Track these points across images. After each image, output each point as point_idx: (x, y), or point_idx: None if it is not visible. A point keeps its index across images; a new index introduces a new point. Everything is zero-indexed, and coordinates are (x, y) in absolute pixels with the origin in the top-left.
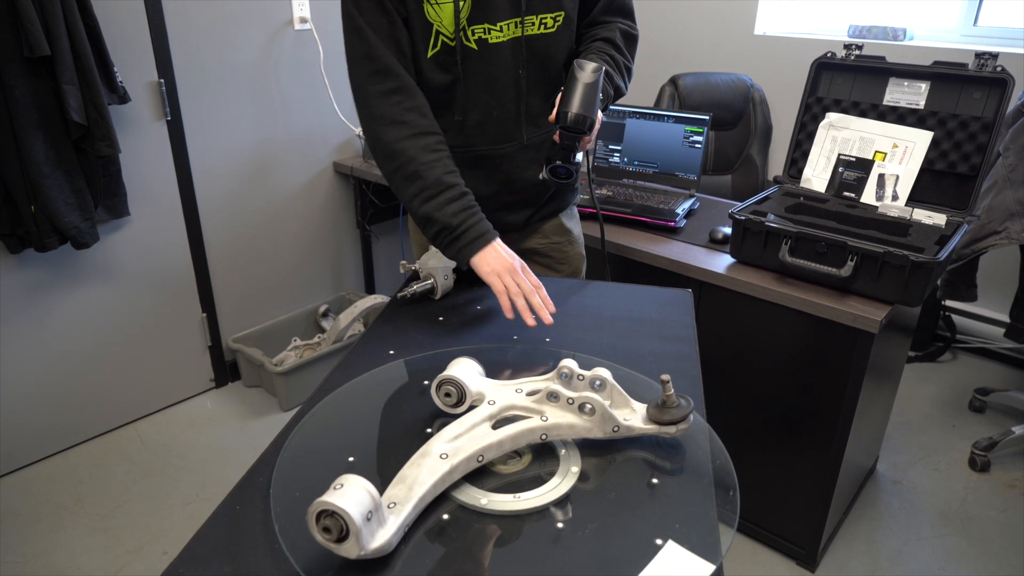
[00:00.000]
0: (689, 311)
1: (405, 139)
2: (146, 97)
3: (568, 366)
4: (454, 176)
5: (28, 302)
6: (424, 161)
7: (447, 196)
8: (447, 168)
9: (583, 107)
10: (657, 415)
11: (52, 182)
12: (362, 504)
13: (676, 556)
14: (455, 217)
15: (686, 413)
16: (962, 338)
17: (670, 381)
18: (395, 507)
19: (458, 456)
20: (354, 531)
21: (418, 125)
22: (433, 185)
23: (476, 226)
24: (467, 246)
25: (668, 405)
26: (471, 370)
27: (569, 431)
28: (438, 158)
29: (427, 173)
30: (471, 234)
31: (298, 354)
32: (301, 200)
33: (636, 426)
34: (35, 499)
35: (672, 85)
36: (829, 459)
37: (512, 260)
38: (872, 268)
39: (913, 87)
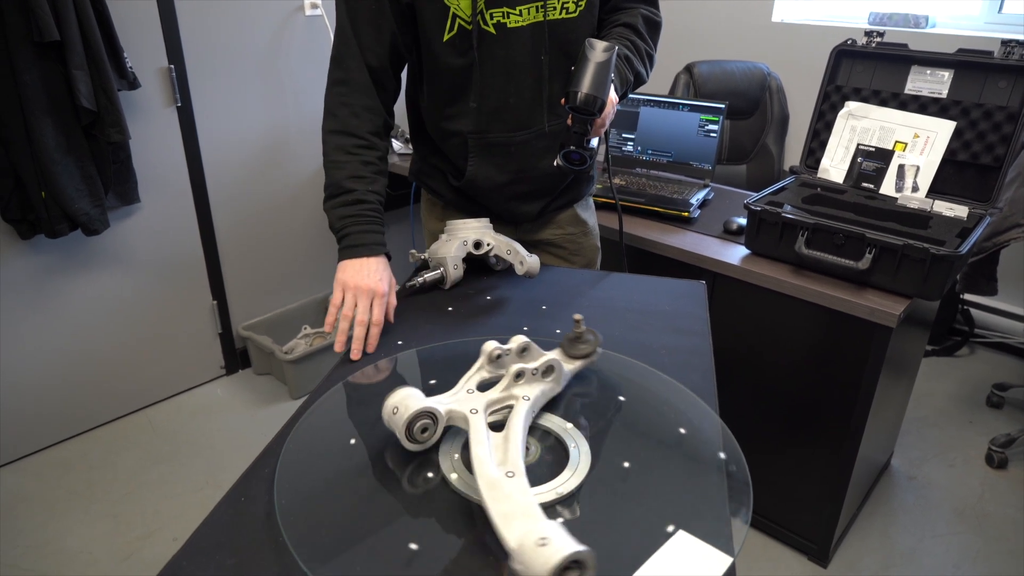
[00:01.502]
0: (703, 303)
1: (329, 132)
2: (156, 83)
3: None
4: (357, 182)
5: (39, 288)
6: (333, 160)
7: (341, 200)
8: (353, 172)
9: (593, 87)
10: (568, 348)
11: (62, 168)
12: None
13: (689, 546)
14: (339, 221)
15: (593, 347)
16: (980, 332)
17: (582, 320)
18: None
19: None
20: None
21: (344, 122)
22: (332, 186)
23: (356, 235)
24: (342, 250)
25: (579, 340)
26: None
27: (542, 398)
28: (348, 160)
29: (332, 172)
30: (348, 241)
31: (308, 342)
32: (311, 187)
33: (567, 368)
34: (46, 485)
35: (687, 73)
36: (843, 454)
37: (370, 282)
38: (891, 261)
39: (935, 76)
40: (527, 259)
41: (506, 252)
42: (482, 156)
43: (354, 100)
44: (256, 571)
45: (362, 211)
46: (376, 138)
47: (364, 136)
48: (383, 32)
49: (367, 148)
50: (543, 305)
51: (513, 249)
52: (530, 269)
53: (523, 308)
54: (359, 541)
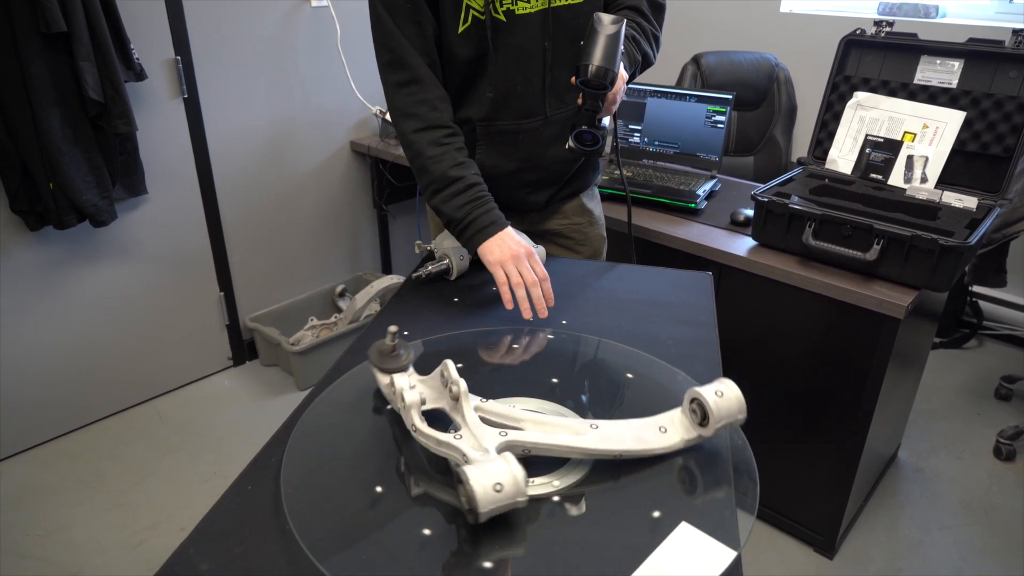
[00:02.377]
0: (709, 294)
1: (414, 132)
2: (163, 75)
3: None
4: (460, 168)
5: (47, 279)
6: (430, 155)
7: (452, 190)
8: (453, 161)
9: (604, 60)
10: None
11: (70, 159)
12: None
13: (693, 539)
14: (460, 210)
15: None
16: (989, 324)
17: (396, 331)
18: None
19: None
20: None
21: (427, 118)
22: (439, 180)
23: (481, 218)
24: (473, 237)
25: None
26: None
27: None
28: (444, 151)
29: (433, 167)
30: (476, 225)
31: (315, 334)
32: (318, 179)
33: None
34: (55, 475)
35: (695, 64)
36: (850, 446)
37: (519, 248)
38: (899, 252)
39: (946, 65)
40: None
41: None
42: (490, 144)
43: (428, 95)
44: (263, 560)
45: (477, 195)
46: (456, 125)
47: (449, 125)
48: (425, 27)
49: (454, 135)
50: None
51: None
52: None
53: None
54: (365, 530)
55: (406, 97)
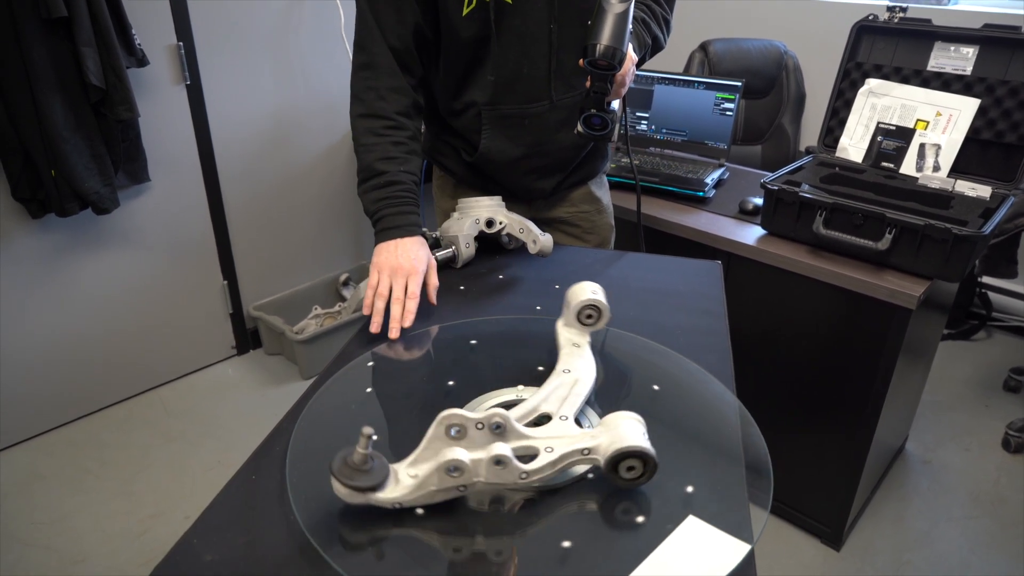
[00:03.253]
0: (719, 284)
1: (356, 117)
2: (165, 61)
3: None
4: (387, 163)
5: (50, 267)
6: (363, 143)
7: (373, 183)
8: (384, 154)
9: (612, 39)
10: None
11: (71, 146)
12: None
13: (702, 533)
14: (373, 204)
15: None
16: (998, 316)
17: (371, 436)
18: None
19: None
20: None
21: (371, 106)
22: (364, 169)
23: (389, 217)
24: (378, 233)
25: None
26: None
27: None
28: (377, 143)
29: (363, 156)
30: (382, 224)
31: (318, 322)
32: (321, 167)
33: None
34: (59, 462)
35: (702, 51)
36: (858, 438)
37: (404, 263)
38: (911, 241)
39: (959, 52)
40: (540, 238)
41: (519, 231)
42: (496, 129)
43: (379, 83)
44: (267, 550)
45: (395, 192)
46: (405, 118)
47: (392, 116)
48: (405, 13)
49: (396, 128)
50: (556, 284)
51: (526, 227)
52: (543, 248)
53: (536, 287)
54: (370, 520)
55: (360, 81)
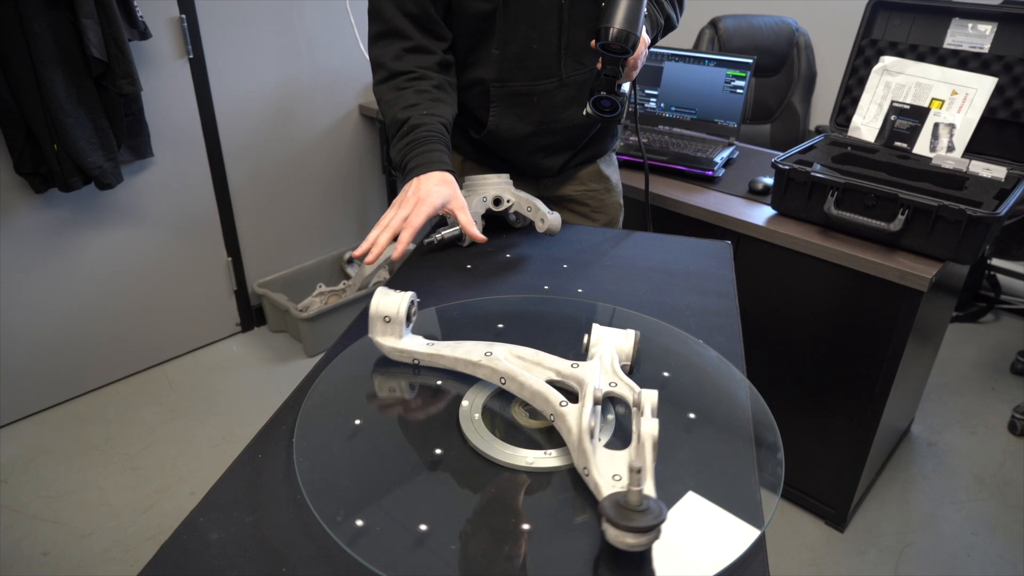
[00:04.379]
0: (728, 264)
1: (379, 84)
2: (167, 34)
3: (642, 397)
4: (408, 110)
5: (53, 242)
6: (387, 101)
7: (399, 135)
8: (405, 103)
9: (626, 23)
10: (611, 512)
11: (74, 120)
12: (387, 307)
13: (713, 516)
14: (399, 154)
15: (637, 527)
16: (1006, 299)
17: (640, 471)
18: (428, 346)
19: (492, 363)
20: (370, 316)
21: (391, 68)
22: (391, 126)
23: (414, 158)
24: (406, 177)
25: (626, 504)
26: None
27: (567, 434)
28: (399, 95)
29: (388, 114)
30: (407, 167)
31: (323, 300)
32: (326, 143)
33: (602, 491)
34: (66, 437)
35: (712, 28)
36: (865, 419)
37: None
38: (924, 223)
39: (977, 29)
40: (548, 216)
41: (526, 209)
42: (504, 106)
43: (397, 45)
44: (274, 529)
45: (418, 136)
46: (427, 71)
47: (411, 70)
48: None
49: (417, 79)
50: (564, 264)
51: (534, 206)
52: (551, 227)
53: (543, 266)
54: (379, 499)
55: (379, 49)
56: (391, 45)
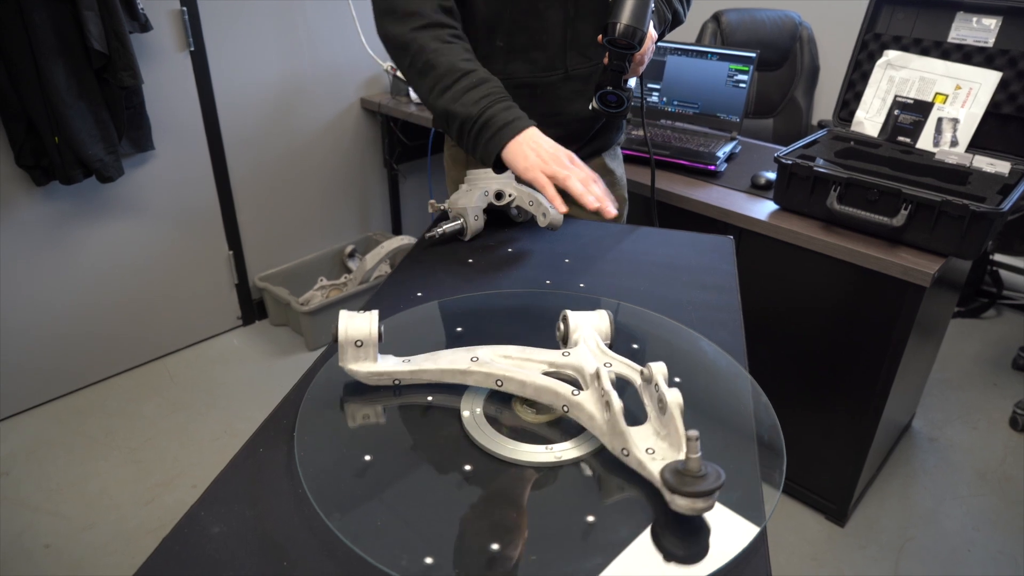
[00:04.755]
0: (731, 259)
1: (413, 30)
2: (168, 26)
3: (652, 369)
4: (472, 63)
5: (55, 235)
6: (434, 49)
7: (464, 84)
8: (462, 55)
9: (633, 18)
10: (672, 480)
11: (75, 112)
12: (357, 331)
13: (715, 513)
14: (475, 105)
15: (705, 490)
16: (1009, 294)
17: (698, 439)
18: (405, 363)
19: (483, 367)
20: (340, 345)
21: (430, 17)
22: (447, 74)
23: (502, 113)
24: (493, 137)
25: (688, 472)
26: (592, 321)
27: (588, 421)
28: (452, 47)
29: (439, 60)
30: (496, 122)
31: (324, 294)
32: (327, 137)
33: (648, 467)
34: (67, 430)
35: (715, 22)
36: (867, 415)
37: (556, 149)
38: (927, 218)
39: (982, 24)
40: (550, 211)
41: (528, 203)
42: None
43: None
44: (275, 523)
45: (495, 88)
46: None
47: (455, 26)
48: None
49: (462, 36)
50: (566, 258)
51: (536, 200)
52: (553, 221)
53: (545, 261)
54: (379, 493)
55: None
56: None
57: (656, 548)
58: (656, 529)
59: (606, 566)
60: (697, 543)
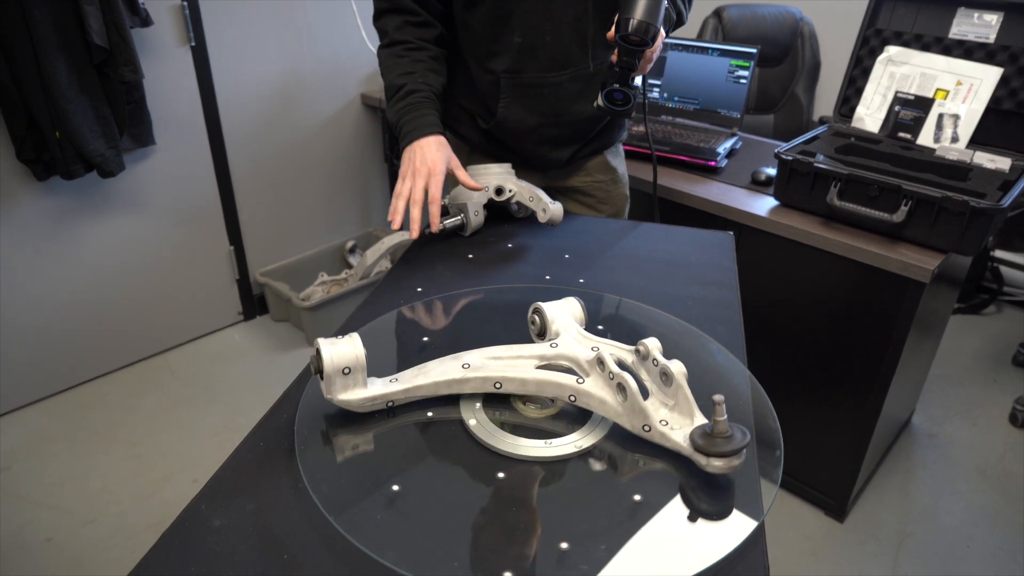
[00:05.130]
0: (730, 255)
1: (380, 49)
2: (169, 21)
3: (647, 345)
4: (406, 77)
5: (56, 230)
6: (386, 66)
7: (395, 98)
8: (403, 69)
9: (647, 14)
10: (702, 444)
11: (76, 107)
12: (343, 358)
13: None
14: (395, 115)
15: (739, 447)
16: (1009, 290)
17: (723, 403)
18: (395, 382)
19: (478, 372)
20: (326, 375)
21: (392, 36)
22: (388, 89)
23: (410, 122)
24: (401, 141)
25: (717, 434)
26: (566, 309)
27: (600, 406)
28: (398, 62)
29: (386, 76)
30: (404, 130)
31: (325, 289)
32: (328, 133)
33: (672, 438)
34: (68, 425)
35: (716, 17)
36: (866, 411)
37: (429, 164)
38: (927, 214)
39: (983, 19)
40: (550, 206)
41: (528, 199)
42: (513, 96)
43: (400, 18)
44: (276, 517)
45: (413, 100)
46: (426, 42)
47: (411, 40)
48: None
49: (416, 49)
50: (566, 254)
51: (536, 196)
52: (553, 216)
53: (545, 256)
54: (379, 488)
55: (381, 24)
56: (395, 18)
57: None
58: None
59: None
60: (695, 536)
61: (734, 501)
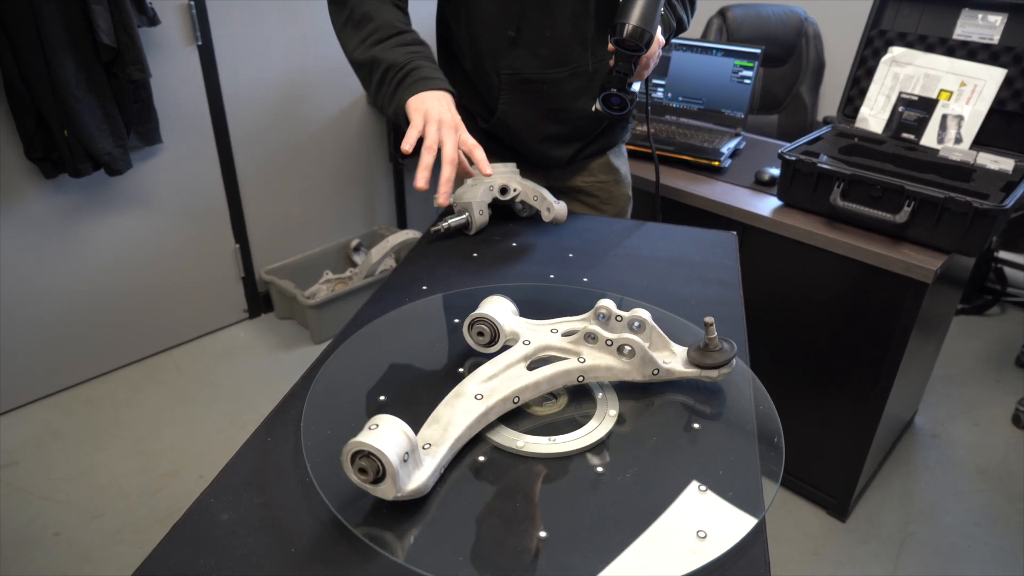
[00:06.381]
0: (733, 254)
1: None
2: (176, 20)
3: (606, 306)
4: (408, 26)
5: (63, 227)
6: (374, 6)
7: (398, 40)
8: (400, 17)
9: (642, 19)
10: (698, 358)
11: (84, 106)
12: (399, 445)
13: (708, 503)
14: (404, 56)
15: (729, 357)
16: (1012, 291)
17: (713, 324)
18: (430, 448)
19: (493, 397)
20: (391, 472)
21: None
22: (383, 28)
23: (428, 68)
24: (412, 85)
25: (710, 348)
26: (504, 308)
27: (607, 373)
28: (389, 8)
29: (377, 16)
30: (420, 73)
31: (330, 288)
32: (333, 131)
33: (676, 369)
34: (76, 420)
35: (720, 17)
36: (869, 410)
37: (453, 117)
38: (930, 214)
39: (987, 20)
40: (554, 205)
41: (533, 198)
42: (513, 93)
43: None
44: (283, 511)
45: (425, 51)
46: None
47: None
48: None
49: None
50: (570, 253)
51: (540, 195)
52: (557, 216)
53: (549, 255)
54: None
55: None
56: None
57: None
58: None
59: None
60: (696, 533)
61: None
